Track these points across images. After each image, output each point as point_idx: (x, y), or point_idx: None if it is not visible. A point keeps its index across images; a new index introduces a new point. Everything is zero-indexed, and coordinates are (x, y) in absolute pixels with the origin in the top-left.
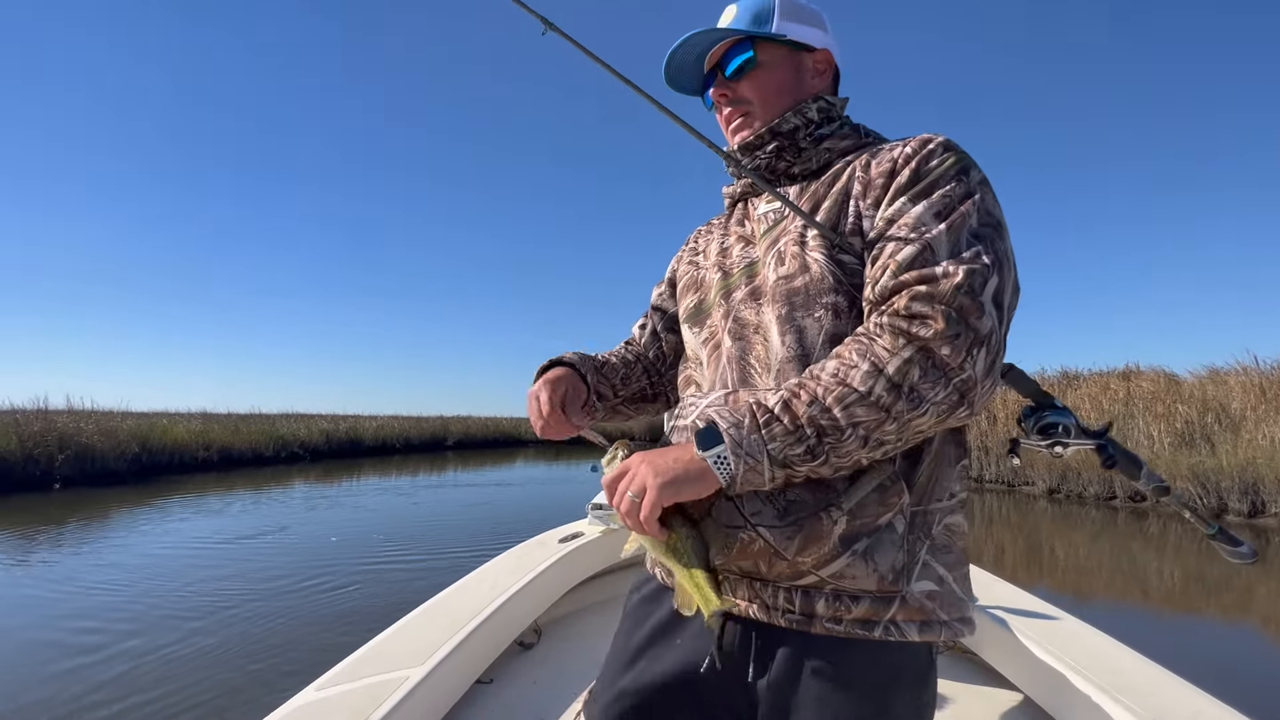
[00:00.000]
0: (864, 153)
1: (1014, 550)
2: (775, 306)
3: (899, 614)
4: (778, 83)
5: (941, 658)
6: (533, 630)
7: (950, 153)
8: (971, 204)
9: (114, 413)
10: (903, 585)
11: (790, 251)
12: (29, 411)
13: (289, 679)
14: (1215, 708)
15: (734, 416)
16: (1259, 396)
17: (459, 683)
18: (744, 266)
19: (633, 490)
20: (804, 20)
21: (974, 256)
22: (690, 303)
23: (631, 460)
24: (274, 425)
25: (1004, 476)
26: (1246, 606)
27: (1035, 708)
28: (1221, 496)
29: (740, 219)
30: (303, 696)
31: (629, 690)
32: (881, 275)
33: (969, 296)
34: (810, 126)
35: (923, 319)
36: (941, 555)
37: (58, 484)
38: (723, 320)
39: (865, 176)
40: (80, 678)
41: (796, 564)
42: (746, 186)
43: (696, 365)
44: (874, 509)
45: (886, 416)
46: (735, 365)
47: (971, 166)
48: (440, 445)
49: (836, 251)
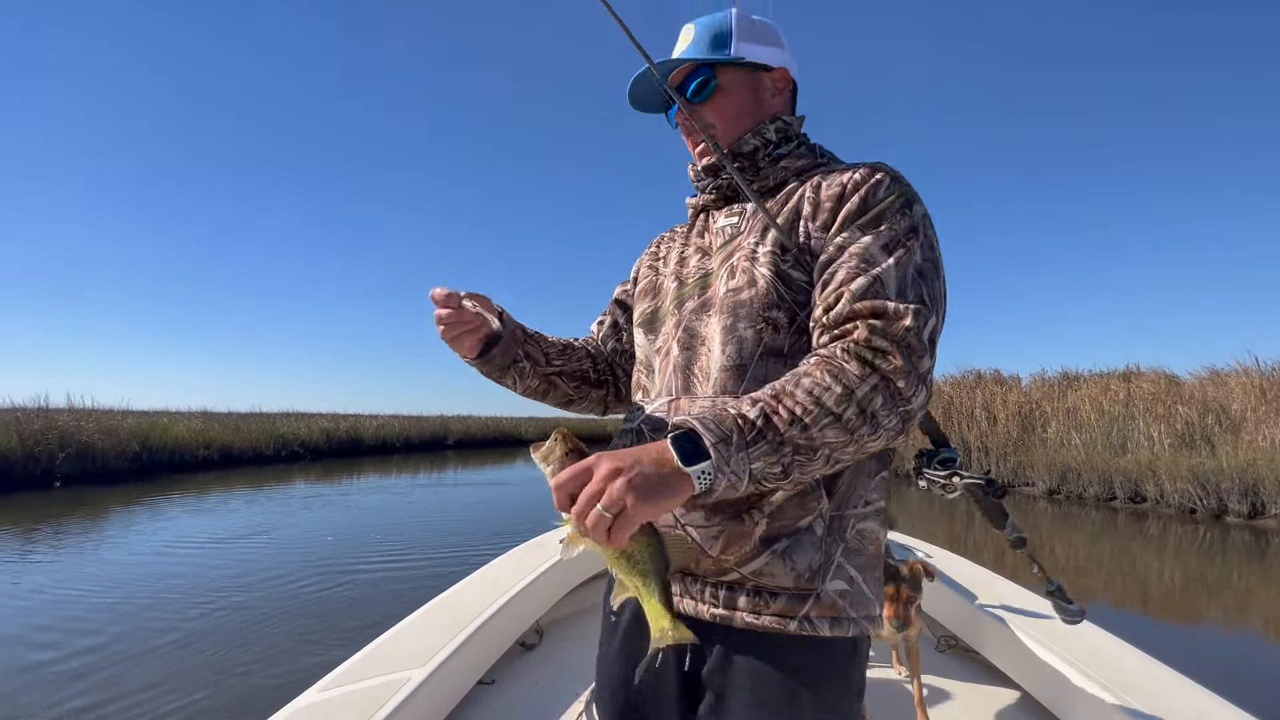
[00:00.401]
0: (816, 174)
1: (1014, 551)
2: (721, 318)
3: (813, 610)
4: (737, 106)
5: (943, 656)
6: (534, 631)
7: (896, 185)
8: (916, 241)
9: (114, 411)
10: (818, 584)
11: (741, 266)
12: (30, 410)
13: (289, 678)
14: (1220, 706)
15: (720, 431)
16: (1259, 398)
17: (461, 684)
18: (698, 278)
19: (604, 504)
20: (761, 39)
21: (918, 298)
22: (646, 308)
23: (594, 463)
24: (274, 424)
25: (1004, 477)
26: (1247, 608)
27: (1037, 705)
28: (1221, 498)
29: (700, 230)
30: (305, 698)
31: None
32: (836, 302)
33: (915, 337)
34: (769, 146)
35: (884, 353)
36: (854, 557)
37: (58, 482)
38: (674, 329)
39: (815, 198)
40: (82, 678)
41: (721, 561)
42: (709, 200)
43: (647, 372)
44: (794, 512)
45: (850, 439)
46: (680, 373)
47: (915, 200)
48: (440, 444)
49: (785, 267)
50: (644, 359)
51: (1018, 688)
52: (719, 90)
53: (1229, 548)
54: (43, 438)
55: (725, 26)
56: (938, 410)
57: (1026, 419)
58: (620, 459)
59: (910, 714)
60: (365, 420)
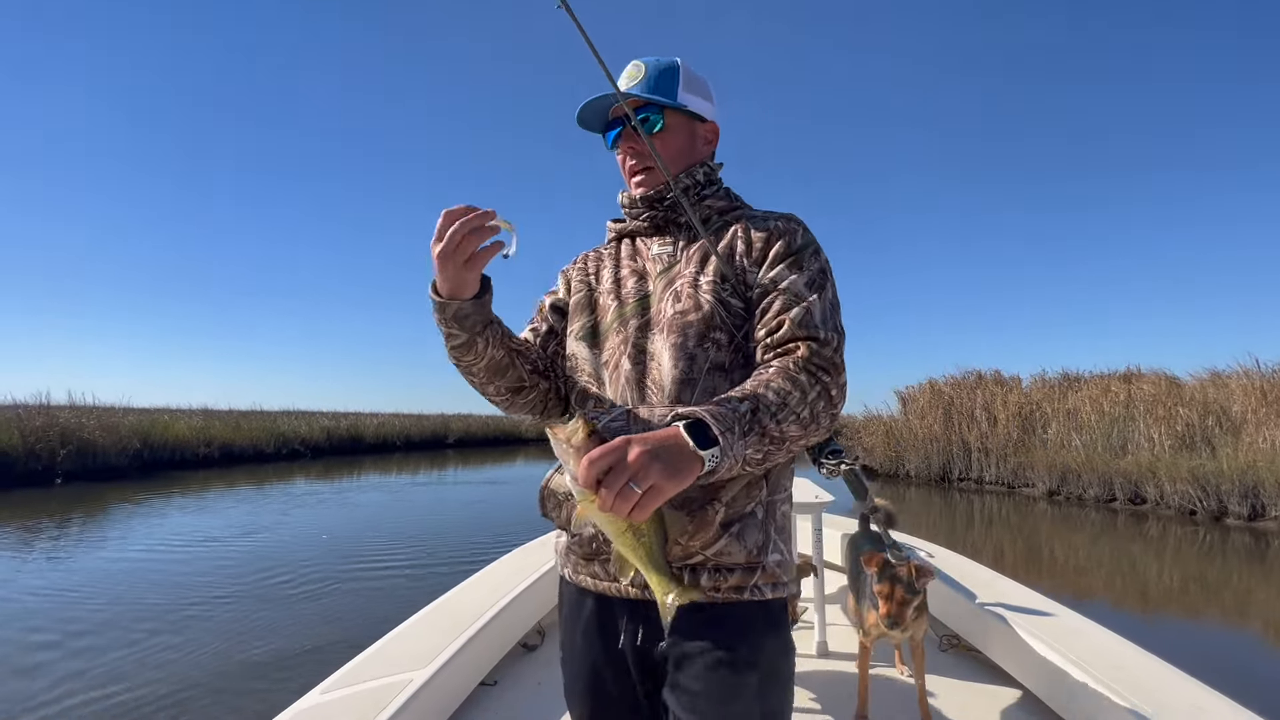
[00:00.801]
0: (739, 214)
1: (1013, 551)
2: (670, 336)
3: (760, 579)
4: (677, 146)
5: (945, 655)
6: (536, 632)
7: (808, 234)
8: (828, 281)
9: (116, 409)
10: (762, 558)
11: (686, 292)
12: (31, 407)
13: (289, 679)
14: (1217, 701)
15: (725, 422)
16: (1260, 400)
17: (463, 685)
18: (638, 299)
19: (638, 482)
20: (700, 93)
21: (835, 329)
22: (585, 322)
23: (624, 444)
24: (275, 422)
25: (1004, 478)
26: (1247, 609)
27: (1038, 703)
28: (1221, 499)
29: (631, 254)
30: (308, 699)
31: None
32: (779, 328)
33: (840, 358)
34: (698, 187)
35: (824, 369)
36: (781, 534)
37: (59, 479)
38: (621, 345)
39: (746, 239)
40: (79, 677)
41: (688, 547)
42: (640, 226)
43: (596, 383)
44: (743, 500)
45: (803, 434)
46: (634, 385)
47: (820, 247)
48: (441, 443)
49: (725, 295)
50: (590, 370)
51: (1019, 686)
52: (665, 129)
53: (1229, 549)
54: (44, 435)
55: (674, 74)
56: (938, 410)
57: (1027, 420)
58: (645, 441)
59: (913, 713)
60: (366, 418)
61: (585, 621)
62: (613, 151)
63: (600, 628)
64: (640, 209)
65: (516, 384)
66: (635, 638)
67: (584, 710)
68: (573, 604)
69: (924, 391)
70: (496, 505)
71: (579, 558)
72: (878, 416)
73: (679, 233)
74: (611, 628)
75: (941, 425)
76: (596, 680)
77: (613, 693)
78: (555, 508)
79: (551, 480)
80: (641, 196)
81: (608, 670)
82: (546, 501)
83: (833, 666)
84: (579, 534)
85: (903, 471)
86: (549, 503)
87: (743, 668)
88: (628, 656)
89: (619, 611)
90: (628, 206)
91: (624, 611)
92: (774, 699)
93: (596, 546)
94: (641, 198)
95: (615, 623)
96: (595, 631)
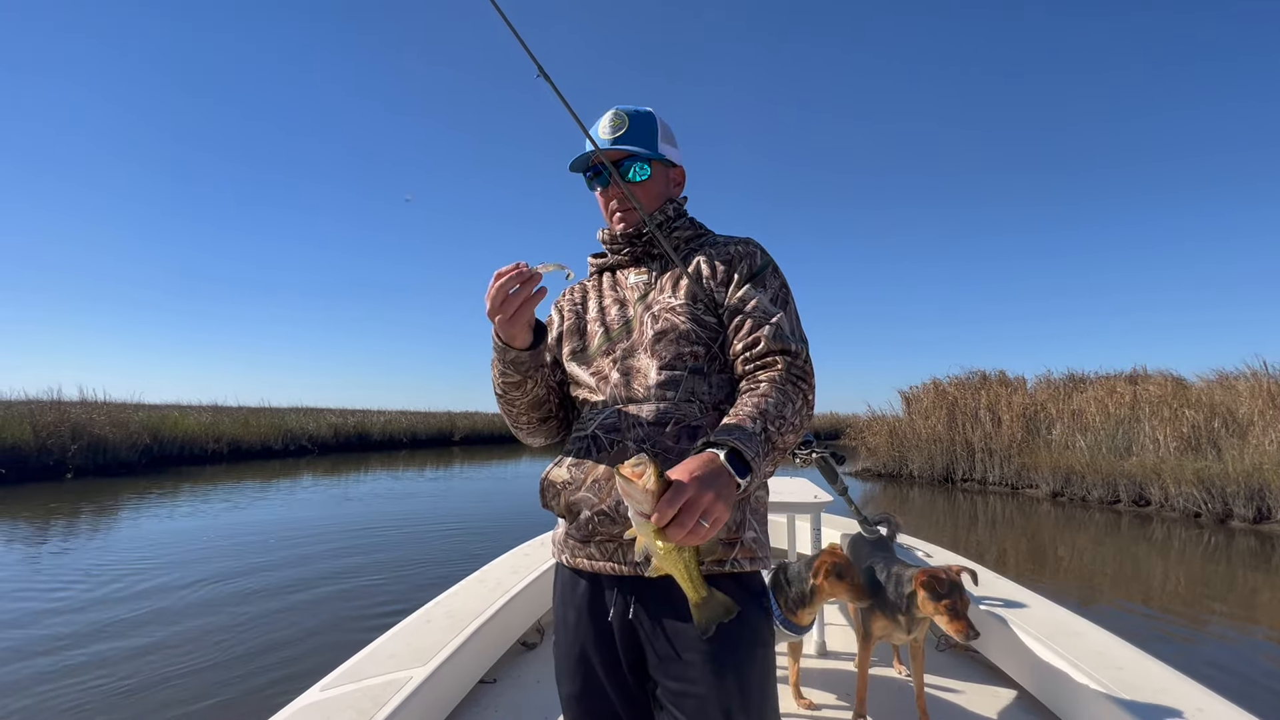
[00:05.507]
0: (703, 240)
1: (1017, 552)
2: (653, 349)
3: (739, 554)
4: (657, 190)
5: (944, 655)
6: (535, 630)
7: (767, 255)
8: (790, 297)
9: (126, 404)
10: (740, 534)
11: (664, 315)
12: (43, 402)
13: (288, 680)
14: (1219, 704)
15: (754, 449)
16: (1267, 402)
17: (463, 683)
18: (622, 324)
19: (708, 519)
20: (671, 143)
21: (802, 339)
22: (576, 345)
23: (689, 485)
24: (283, 419)
25: (1008, 479)
26: (1252, 612)
27: (1037, 704)
28: (1227, 502)
29: (611, 285)
30: (307, 697)
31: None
32: (755, 344)
33: (809, 365)
34: (669, 221)
35: (802, 379)
36: (755, 515)
37: (70, 473)
38: (610, 364)
39: (711, 263)
40: (84, 671)
41: None
42: (620, 260)
43: (589, 391)
44: None
45: (796, 439)
46: (623, 389)
47: (777, 265)
48: (447, 440)
49: (698, 313)
50: (585, 382)
51: (1018, 687)
52: (650, 177)
53: (1234, 552)
54: (55, 430)
55: (655, 130)
56: (942, 411)
57: (1031, 421)
58: (702, 480)
59: (911, 713)
60: (373, 416)
61: (578, 599)
62: (593, 191)
63: (591, 604)
64: (621, 244)
65: (546, 415)
66: (625, 611)
67: (572, 688)
68: (567, 585)
69: (928, 391)
70: (500, 503)
71: (577, 541)
72: (881, 416)
73: (653, 264)
74: (601, 605)
75: (945, 425)
76: (584, 658)
77: (599, 669)
78: (554, 497)
79: (551, 472)
80: (622, 233)
81: (595, 647)
82: (546, 492)
83: (832, 666)
84: (576, 519)
85: (906, 472)
86: (549, 493)
87: (727, 634)
88: (614, 630)
89: (609, 586)
90: (609, 242)
91: (613, 585)
92: (759, 657)
93: (592, 529)
94: (622, 234)
95: (605, 599)
96: (586, 608)
